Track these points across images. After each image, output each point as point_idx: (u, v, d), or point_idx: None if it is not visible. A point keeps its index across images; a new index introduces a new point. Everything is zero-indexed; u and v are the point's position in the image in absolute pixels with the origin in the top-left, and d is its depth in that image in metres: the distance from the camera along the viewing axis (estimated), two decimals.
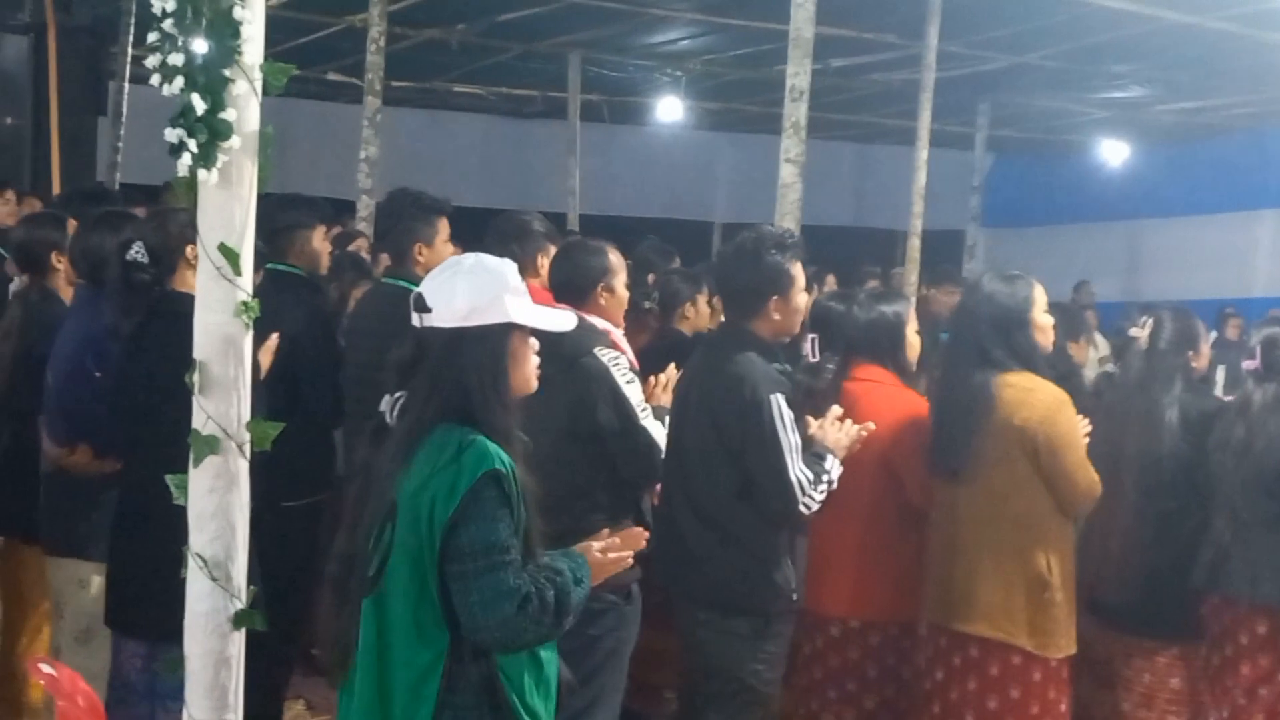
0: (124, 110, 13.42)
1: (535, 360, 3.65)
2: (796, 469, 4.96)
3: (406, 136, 15.94)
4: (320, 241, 6.28)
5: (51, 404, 5.45)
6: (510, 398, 3.56)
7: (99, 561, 5.15)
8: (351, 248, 8.68)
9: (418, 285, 5.88)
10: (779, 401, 4.99)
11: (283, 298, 5.81)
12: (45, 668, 3.18)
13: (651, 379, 5.42)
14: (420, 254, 6.07)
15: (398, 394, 3.63)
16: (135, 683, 4.86)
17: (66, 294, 5.69)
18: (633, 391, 5.05)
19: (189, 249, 4.94)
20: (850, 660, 5.60)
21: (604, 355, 5.02)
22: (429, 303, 3.56)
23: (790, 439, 4.98)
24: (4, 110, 11.65)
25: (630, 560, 3.74)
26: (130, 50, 13.31)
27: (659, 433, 5.12)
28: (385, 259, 9.53)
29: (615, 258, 5.38)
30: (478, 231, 5.87)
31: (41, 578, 5.62)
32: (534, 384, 3.66)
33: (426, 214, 6.12)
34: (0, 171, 11.12)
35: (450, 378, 3.51)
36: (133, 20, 13.26)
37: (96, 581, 5.14)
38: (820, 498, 5.02)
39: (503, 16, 13.71)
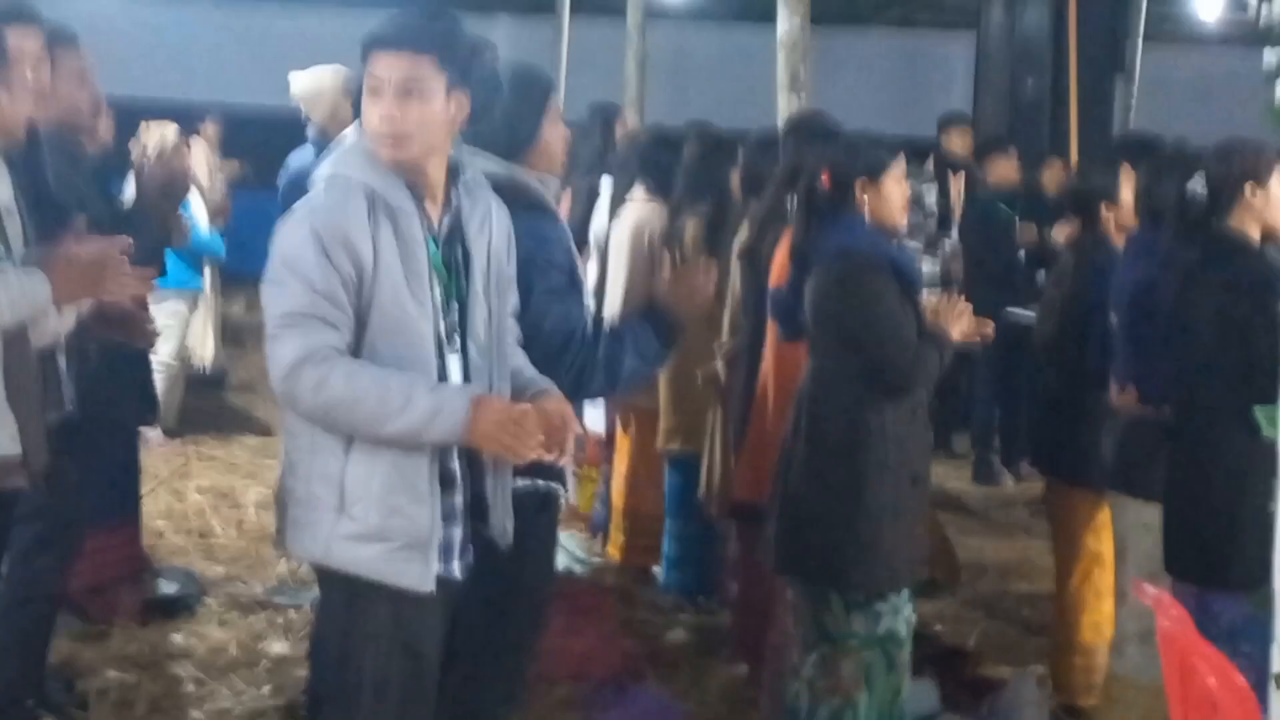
0: (1137, 67, 13.45)
1: None
2: None
3: None
4: None
5: (1115, 347, 5.54)
6: None
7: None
8: None
9: None
10: None
11: None
12: (1149, 589, 3.22)
13: None
14: None
15: None
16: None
17: (1118, 240, 5.74)
18: None
19: (1248, 186, 4.87)
20: None
21: None
22: None
23: None
24: (1026, 72, 11.99)
25: None
26: (1145, 6, 13.29)
27: None
28: None
29: None
30: None
31: (1091, 522, 5.73)
32: None
33: None
34: (1020, 132, 11.46)
35: None
36: None
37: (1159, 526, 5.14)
38: None
39: None
